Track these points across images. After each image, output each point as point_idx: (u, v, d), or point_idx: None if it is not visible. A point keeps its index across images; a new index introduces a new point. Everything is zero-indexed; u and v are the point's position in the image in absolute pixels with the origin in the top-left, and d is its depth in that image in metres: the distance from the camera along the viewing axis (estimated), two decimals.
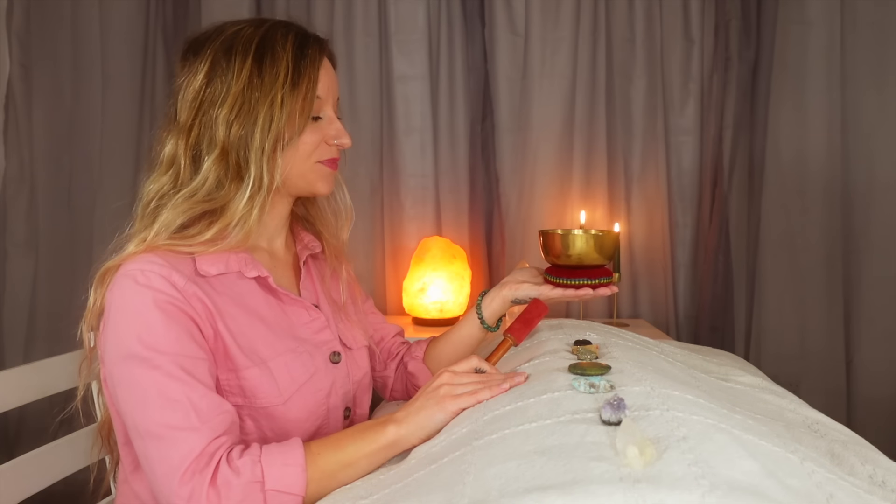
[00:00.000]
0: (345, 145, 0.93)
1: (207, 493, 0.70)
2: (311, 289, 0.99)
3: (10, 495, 0.91)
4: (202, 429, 0.73)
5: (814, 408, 0.87)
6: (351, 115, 2.18)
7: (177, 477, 0.70)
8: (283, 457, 0.74)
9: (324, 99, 0.90)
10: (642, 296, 2.23)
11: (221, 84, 0.84)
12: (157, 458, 0.73)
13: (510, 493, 0.53)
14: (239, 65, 0.84)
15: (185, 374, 0.75)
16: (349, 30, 2.17)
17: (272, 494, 0.72)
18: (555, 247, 1.01)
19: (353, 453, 0.77)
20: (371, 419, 0.85)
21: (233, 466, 0.72)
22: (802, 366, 2.14)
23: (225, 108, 0.83)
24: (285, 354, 0.86)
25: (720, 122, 2.13)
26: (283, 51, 0.86)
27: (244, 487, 0.71)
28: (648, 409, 0.63)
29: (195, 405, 0.74)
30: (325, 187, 0.94)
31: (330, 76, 0.92)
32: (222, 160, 0.84)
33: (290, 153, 0.87)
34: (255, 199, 0.84)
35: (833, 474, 0.57)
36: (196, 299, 0.80)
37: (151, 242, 0.82)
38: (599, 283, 0.99)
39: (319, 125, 0.90)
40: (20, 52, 2.17)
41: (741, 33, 2.08)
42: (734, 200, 2.14)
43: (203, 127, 0.85)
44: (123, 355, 0.76)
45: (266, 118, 0.84)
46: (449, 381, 0.80)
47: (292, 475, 0.73)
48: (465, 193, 2.18)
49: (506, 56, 2.17)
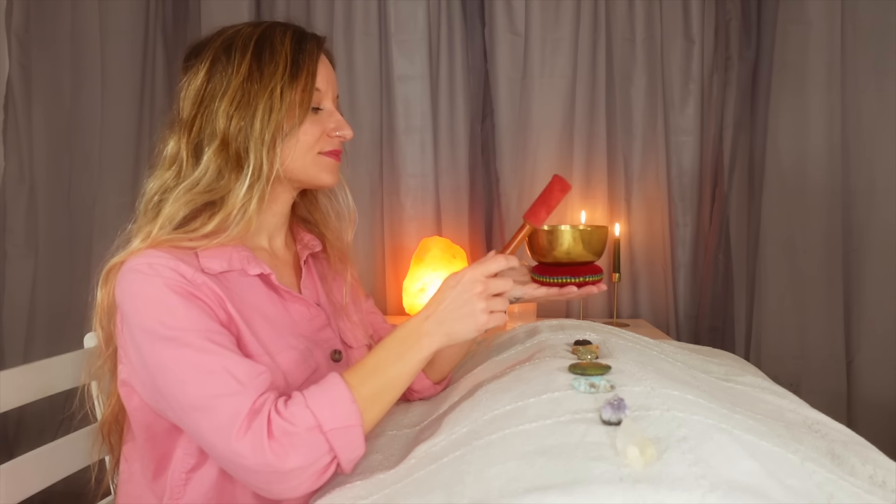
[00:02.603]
0: (346, 136, 0.93)
1: (271, 446, 0.70)
2: (312, 287, 0.99)
3: (10, 495, 0.91)
4: (244, 391, 0.73)
5: (814, 408, 0.87)
6: (351, 114, 2.18)
7: (232, 436, 0.70)
8: (328, 395, 0.74)
9: (323, 91, 0.91)
10: (642, 296, 2.23)
11: (221, 79, 0.86)
12: (208, 429, 0.72)
13: (510, 493, 0.53)
14: (238, 60, 0.86)
15: (216, 346, 0.75)
16: (349, 30, 2.17)
17: (333, 434, 0.72)
18: (538, 243, 0.96)
19: (395, 375, 0.78)
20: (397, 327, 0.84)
21: (284, 416, 0.72)
22: (802, 366, 2.14)
23: (225, 101, 0.85)
24: (288, 351, 0.86)
25: (720, 122, 2.12)
26: (281, 45, 0.87)
27: (304, 436, 0.71)
28: (649, 409, 0.63)
29: (232, 372, 0.74)
30: (330, 178, 0.94)
31: (328, 71, 0.93)
32: (222, 151, 0.85)
33: (290, 144, 0.88)
34: (255, 188, 0.85)
35: (833, 474, 0.57)
36: (206, 287, 0.80)
37: (156, 237, 0.82)
38: (585, 281, 0.94)
39: (319, 117, 0.91)
40: (20, 52, 2.17)
41: (741, 33, 2.08)
42: (734, 200, 2.14)
43: (204, 121, 0.86)
44: (151, 341, 0.76)
45: (266, 109, 0.85)
46: (482, 279, 0.80)
47: (344, 409, 0.73)
48: (465, 193, 2.18)
49: (506, 56, 2.17)
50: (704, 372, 0.94)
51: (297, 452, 0.70)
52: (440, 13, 2.15)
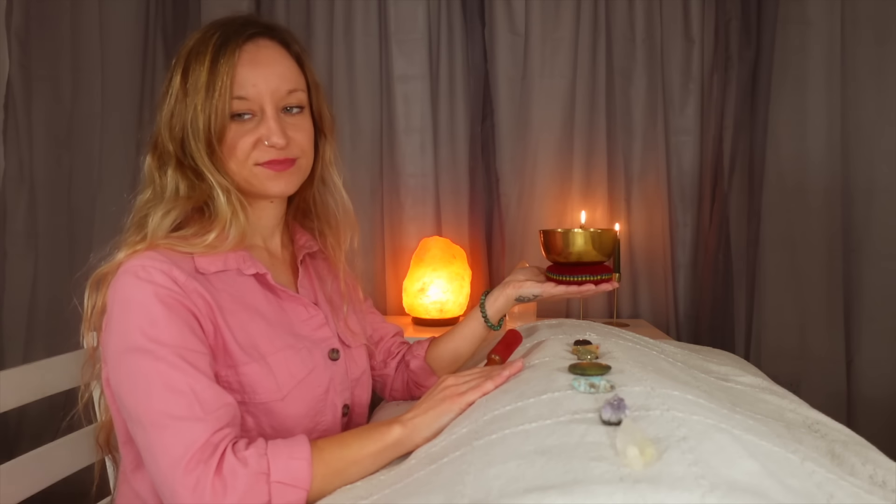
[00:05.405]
0: (276, 145, 0.86)
1: (213, 482, 0.69)
2: (309, 287, 0.99)
3: (10, 495, 0.91)
4: (206, 419, 0.73)
5: (814, 408, 0.87)
6: (351, 114, 2.18)
7: (181, 466, 0.70)
8: (289, 450, 0.74)
9: (252, 98, 0.86)
10: (642, 296, 2.23)
11: (165, 97, 0.87)
12: (160, 449, 0.72)
13: (510, 493, 0.53)
14: (174, 77, 0.86)
15: (189, 366, 0.75)
16: (349, 30, 2.16)
17: (277, 487, 0.71)
18: (556, 245, 1.03)
19: (359, 451, 0.77)
20: (377, 421, 0.86)
21: (239, 457, 0.71)
22: (802, 366, 2.14)
23: (165, 117, 0.86)
24: (284, 350, 0.86)
25: (720, 122, 2.12)
26: (204, 56, 0.84)
27: (249, 478, 0.70)
28: (648, 409, 0.63)
29: (198, 395, 0.73)
30: (275, 188, 0.89)
31: (265, 70, 0.86)
32: (180, 168, 0.86)
33: (227, 158, 0.87)
34: (232, 199, 0.86)
35: (833, 474, 0.57)
36: (196, 294, 0.80)
37: (151, 241, 0.83)
38: (601, 279, 1.02)
39: (248, 127, 0.86)
40: (20, 52, 2.17)
41: (741, 33, 2.08)
42: (734, 200, 2.14)
43: (159, 139, 0.88)
44: (127, 348, 0.76)
45: (193, 125, 0.84)
46: (453, 381, 0.82)
47: (298, 468, 0.73)
48: (465, 193, 2.18)
49: (506, 56, 2.17)
50: (704, 372, 0.94)
51: (235, 492, 0.70)
52: (440, 13, 2.15)
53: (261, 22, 0.90)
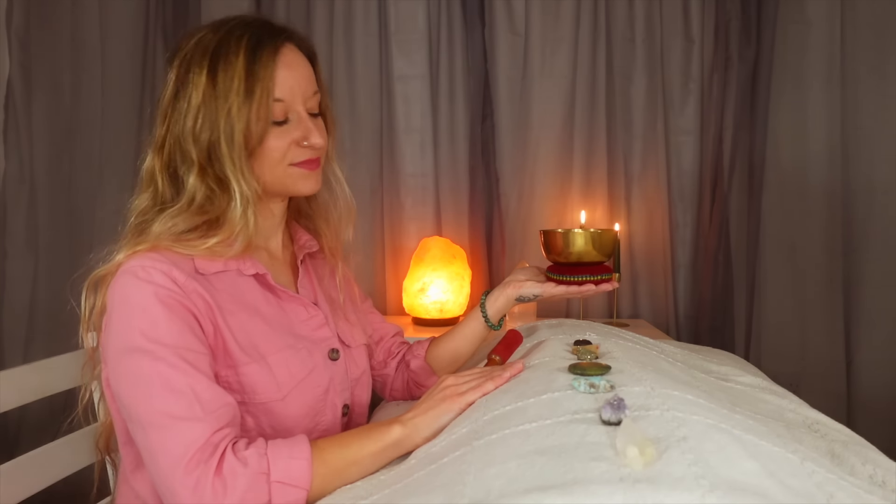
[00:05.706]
0: (315, 146, 0.88)
1: (213, 482, 0.70)
2: (309, 287, 0.99)
3: (10, 495, 0.91)
4: (206, 419, 0.73)
5: (814, 408, 0.87)
6: (351, 115, 2.18)
7: (181, 466, 0.70)
8: (289, 450, 0.74)
9: (288, 101, 0.86)
10: (642, 296, 2.23)
11: (184, 98, 0.84)
12: (159, 449, 0.72)
13: (510, 493, 0.53)
14: (196, 77, 0.83)
15: (188, 366, 0.75)
16: (349, 30, 2.16)
17: (277, 487, 0.72)
18: (556, 245, 1.03)
19: (359, 451, 0.77)
20: (377, 421, 0.86)
21: (239, 457, 0.72)
22: (802, 366, 2.14)
23: (189, 122, 0.83)
24: (284, 350, 0.86)
25: (720, 122, 2.12)
26: (235, 57, 0.83)
27: (250, 478, 0.71)
28: (648, 409, 0.63)
29: (198, 395, 0.74)
30: (307, 187, 0.91)
31: (296, 73, 0.87)
32: (203, 176, 0.84)
33: (260, 160, 0.86)
34: (248, 211, 0.85)
35: (833, 474, 0.57)
36: (196, 295, 0.80)
37: (154, 243, 0.83)
38: (601, 279, 1.02)
39: (286, 129, 0.87)
40: (20, 52, 2.17)
41: (741, 33, 2.08)
42: (734, 200, 2.14)
43: (173, 142, 0.85)
44: (127, 349, 0.76)
45: (227, 130, 0.82)
46: (453, 381, 0.82)
47: (298, 468, 0.73)
48: (465, 193, 2.18)
49: (506, 56, 2.17)
50: (704, 372, 0.94)
51: (235, 491, 0.70)
52: (440, 13, 2.15)
53: (285, 26, 0.90)
